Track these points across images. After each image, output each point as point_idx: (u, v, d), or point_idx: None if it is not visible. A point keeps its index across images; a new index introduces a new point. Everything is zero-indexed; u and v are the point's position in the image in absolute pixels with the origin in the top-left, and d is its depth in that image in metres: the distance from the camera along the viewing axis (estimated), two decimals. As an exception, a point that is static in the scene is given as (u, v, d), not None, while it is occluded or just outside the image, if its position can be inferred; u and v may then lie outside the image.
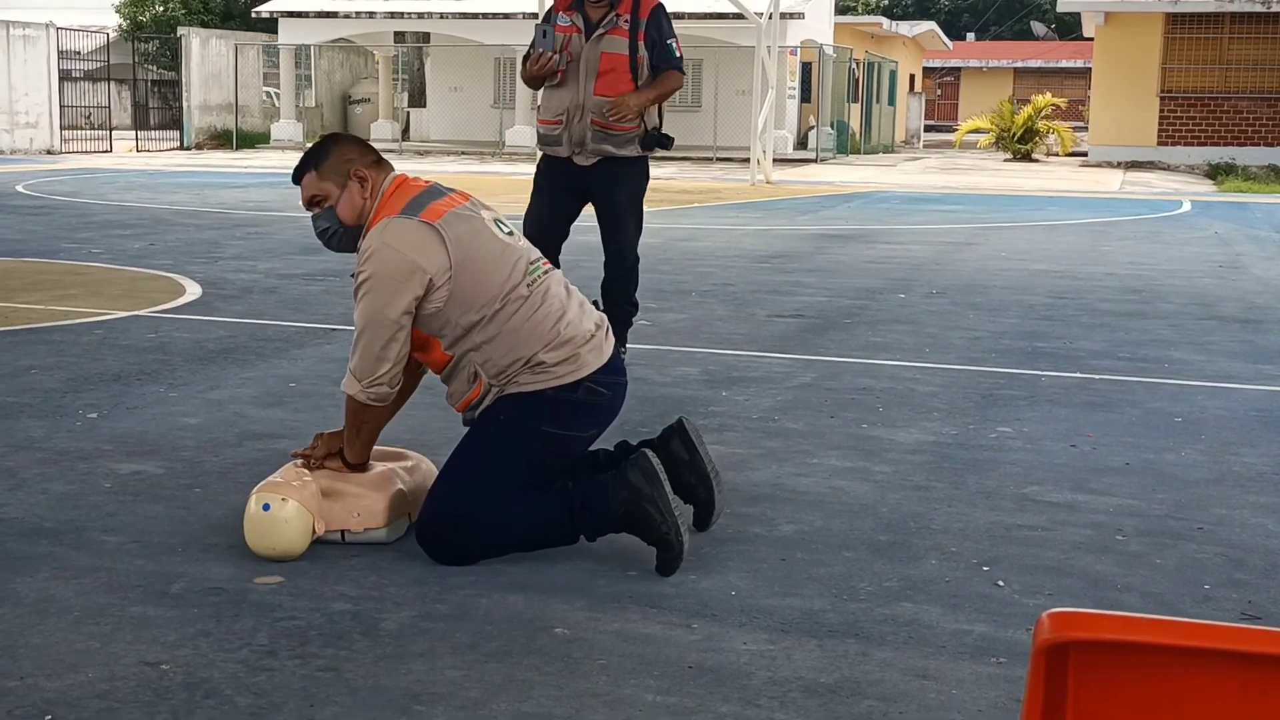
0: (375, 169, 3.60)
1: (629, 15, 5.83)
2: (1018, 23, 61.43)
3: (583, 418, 3.52)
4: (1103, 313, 8.06)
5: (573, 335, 3.50)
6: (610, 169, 5.90)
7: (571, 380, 3.47)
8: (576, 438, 3.54)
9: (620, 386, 3.62)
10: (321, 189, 3.59)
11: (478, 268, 3.46)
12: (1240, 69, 26.29)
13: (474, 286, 3.45)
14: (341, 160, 3.58)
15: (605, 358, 3.55)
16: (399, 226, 3.45)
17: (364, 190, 3.56)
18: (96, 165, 22.91)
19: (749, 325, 7.45)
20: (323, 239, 3.65)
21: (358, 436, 3.62)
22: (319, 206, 3.61)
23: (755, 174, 20.57)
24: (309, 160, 3.63)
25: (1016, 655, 2.94)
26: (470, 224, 3.52)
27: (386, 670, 2.82)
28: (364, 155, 3.62)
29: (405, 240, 3.43)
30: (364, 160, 3.60)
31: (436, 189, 3.62)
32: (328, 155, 3.60)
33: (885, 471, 4.44)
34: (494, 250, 3.51)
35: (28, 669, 2.79)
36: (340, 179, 3.57)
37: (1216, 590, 3.40)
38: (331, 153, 3.61)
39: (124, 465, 4.34)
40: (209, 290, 8.31)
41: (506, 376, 3.47)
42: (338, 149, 3.63)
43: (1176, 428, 5.14)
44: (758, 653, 2.94)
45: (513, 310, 3.46)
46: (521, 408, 3.46)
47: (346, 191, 3.57)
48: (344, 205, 3.57)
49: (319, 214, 3.61)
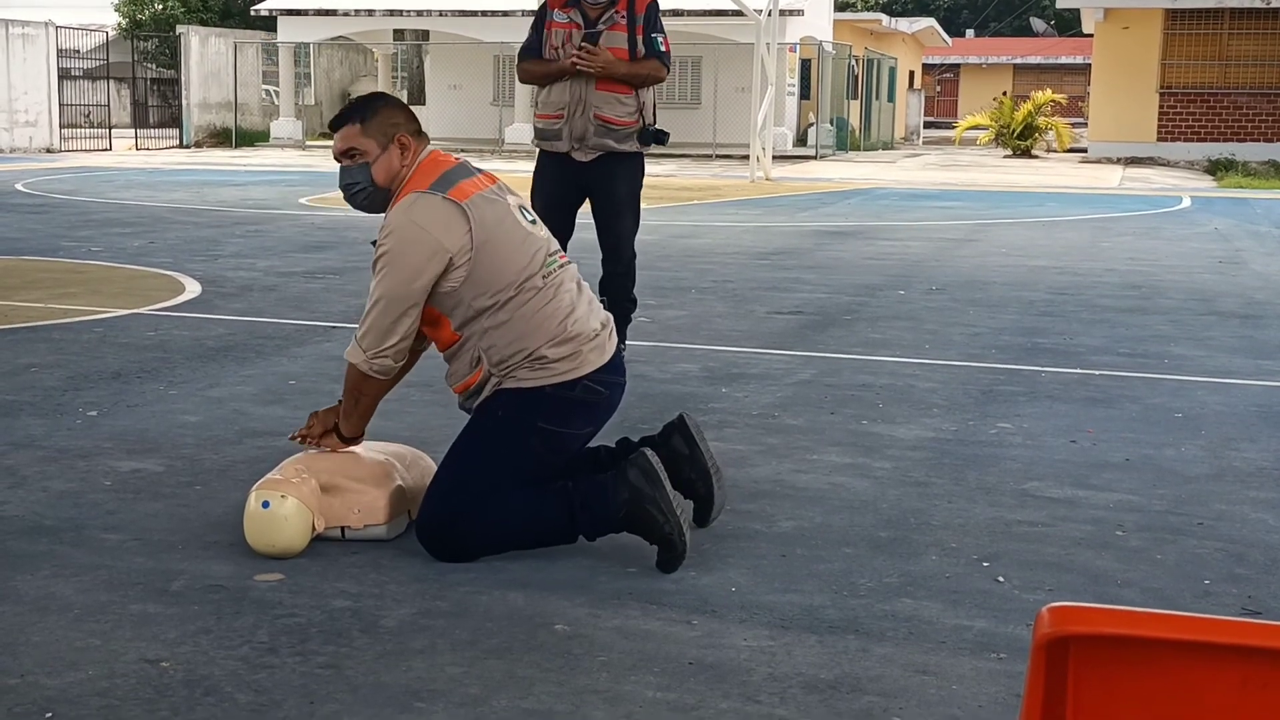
0: (417, 138, 3.61)
1: (625, 11, 5.86)
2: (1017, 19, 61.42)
3: (580, 416, 3.52)
4: (1102, 308, 8.06)
5: (578, 333, 3.50)
6: (609, 164, 5.93)
7: (570, 378, 3.47)
8: (573, 435, 3.54)
9: (618, 386, 3.62)
10: (362, 144, 3.56)
11: (498, 253, 3.46)
12: (1240, 64, 26.27)
13: (492, 271, 3.45)
14: (389, 122, 3.58)
15: (607, 357, 3.55)
16: (426, 203, 3.45)
17: (404, 157, 3.56)
18: (96, 163, 22.91)
19: (749, 322, 7.44)
20: (348, 193, 3.63)
21: (355, 407, 3.62)
22: (352, 160, 3.58)
23: (755, 171, 20.56)
24: (354, 112, 3.60)
25: (1017, 650, 2.94)
26: (495, 208, 3.52)
27: (387, 667, 2.82)
28: (410, 122, 3.63)
29: (430, 217, 3.43)
30: (409, 127, 3.61)
31: (466, 167, 3.62)
32: (376, 113, 3.59)
33: (885, 468, 4.44)
34: (516, 237, 3.51)
35: (28, 666, 2.79)
36: (384, 139, 3.56)
37: (1217, 585, 3.40)
38: (380, 111, 3.60)
39: (124, 463, 4.34)
40: (209, 288, 8.31)
41: (507, 367, 3.47)
42: (387, 109, 3.62)
43: (1176, 423, 5.14)
44: (758, 649, 2.94)
45: (525, 299, 3.46)
46: (519, 403, 3.46)
47: (386, 153, 3.55)
48: (380, 166, 3.56)
49: (352, 167, 3.58)
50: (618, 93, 5.89)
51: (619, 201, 6.02)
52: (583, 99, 5.86)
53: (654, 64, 5.93)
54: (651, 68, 5.92)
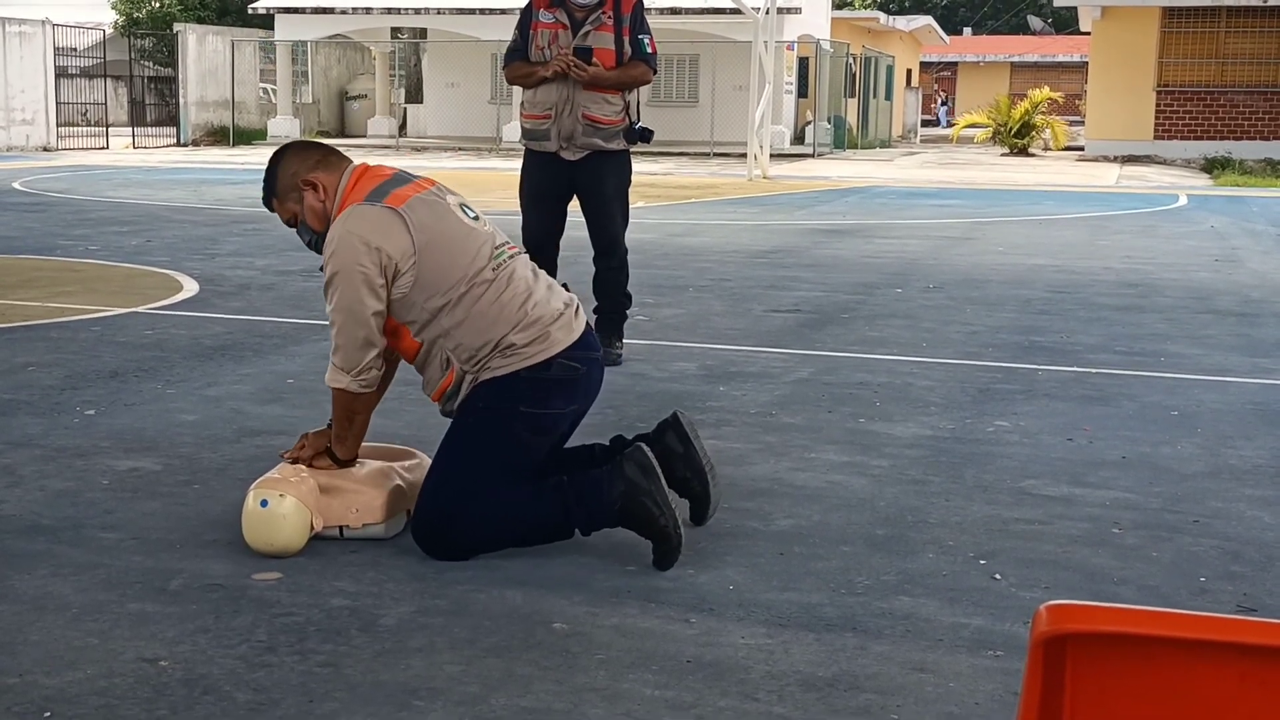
0: (324, 169, 3.63)
1: (612, 12, 5.90)
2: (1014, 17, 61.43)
3: (559, 395, 3.52)
4: (1099, 307, 8.07)
5: (540, 315, 3.52)
6: (597, 162, 5.99)
7: (542, 359, 3.48)
8: (556, 415, 3.54)
9: (594, 362, 3.63)
10: (286, 210, 3.66)
11: (442, 251, 3.48)
12: (1237, 63, 26.29)
13: (439, 270, 3.47)
14: (287, 176, 3.64)
15: (575, 335, 3.56)
16: (360, 213, 3.48)
17: (318, 195, 3.60)
18: (93, 162, 22.89)
19: (746, 320, 7.45)
20: (312, 249, 3.70)
21: (350, 429, 3.62)
22: (294, 226, 3.69)
23: (752, 169, 20.56)
24: (265, 189, 3.70)
25: (1014, 648, 2.94)
26: (434, 208, 3.55)
27: (385, 665, 2.82)
28: (305, 161, 3.65)
29: (367, 226, 3.46)
30: (307, 166, 3.63)
31: (401, 176, 3.65)
32: (276, 177, 3.67)
33: (882, 466, 4.45)
34: (459, 234, 3.54)
35: (26, 666, 2.80)
36: (295, 193, 3.63)
37: (1213, 582, 3.41)
38: (278, 174, 3.66)
39: (122, 462, 4.34)
40: (206, 287, 8.30)
41: (478, 362, 3.48)
42: (281, 166, 3.67)
43: (1173, 421, 5.15)
44: (756, 647, 2.95)
45: (479, 294, 3.48)
46: (497, 392, 3.47)
47: (305, 204, 3.62)
48: (309, 215, 3.62)
49: (299, 228, 3.68)
50: (605, 92, 5.93)
51: (609, 199, 6.07)
52: (570, 99, 5.91)
53: (642, 68, 5.98)
54: (639, 72, 5.98)
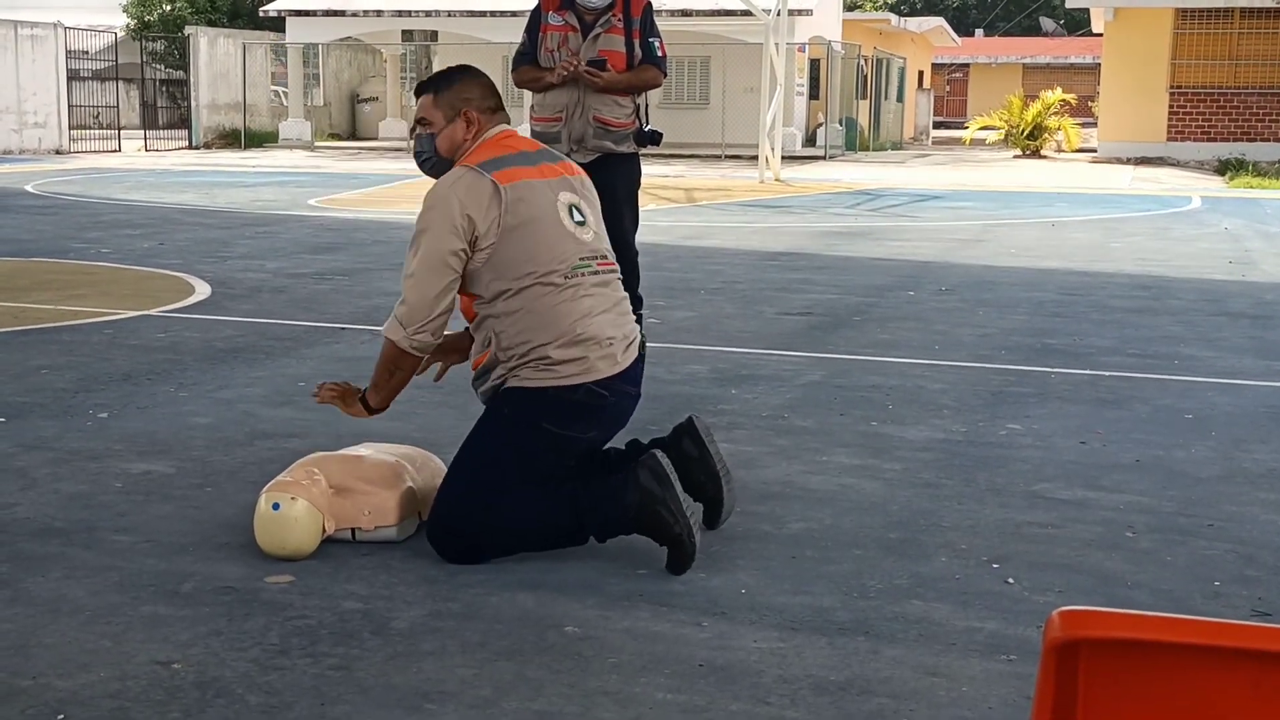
0: (488, 115, 3.67)
1: (622, 15, 5.92)
2: (1026, 18, 61.33)
3: (582, 420, 3.52)
4: (1112, 309, 8.05)
5: (589, 337, 3.49)
6: (607, 165, 5.98)
7: (573, 383, 3.47)
8: (576, 439, 3.54)
9: (628, 396, 3.61)
10: (431, 114, 3.68)
11: (524, 241, 3.48)
12: (1250, 64, 26.21)
13: (513, 258, 3.47)
14: (460, 96, 3.66)
15: (618, 368, 3.53)
16: (466, 180, 3.51)
17: (468, 130, 3.64)
18: (105, 165, 22.95)
19: (758, 323, 7.44)
20: (417, 160, 3.76)
21: (389, 381, 3.63)
22: (423, 128, 3.70)
23: (764, 171, 20.54)
24: (433, 83, 3.72)
25: (1027, 653, 2.94)
26: (538, 198, 3.54)
27: (397, 669, 2.82)
28: (484, 99, 3.69)
29: (467, 192, 3.48)
30: (481, 103, 3.67)
31: (528, 155, 3.65)
32: (450, 86, 3.68)
33: (895, 469, 4.44)
34: (549, 232, 3.52)
35: (40, 668, 2.80)
36: (451, 112, 3.65)
37: (1227, 587, 3.40)
38: (455, 85, 3.69)
39: (135, 465, 4.36)
40: (218, 290, 8.32)
41: (512, 357, 3.49)
42: (463, 83, 3.70)
43: (1187, 424, 5.13)
44: (768, 650, 2.94)
45: (539, 293, 3.48)
46: (523, 403, 3.48)
47: (451, 126, 3.65)
48: (444, 137, 3.66)
49: (421, 135, 3.71)
50: (616, 95, 5.94)
51: (619, 201, 6.07)
52: (581, 101, 5.92)
53: (653, 72, 6.01)
54: (650, 75, 6.02)
